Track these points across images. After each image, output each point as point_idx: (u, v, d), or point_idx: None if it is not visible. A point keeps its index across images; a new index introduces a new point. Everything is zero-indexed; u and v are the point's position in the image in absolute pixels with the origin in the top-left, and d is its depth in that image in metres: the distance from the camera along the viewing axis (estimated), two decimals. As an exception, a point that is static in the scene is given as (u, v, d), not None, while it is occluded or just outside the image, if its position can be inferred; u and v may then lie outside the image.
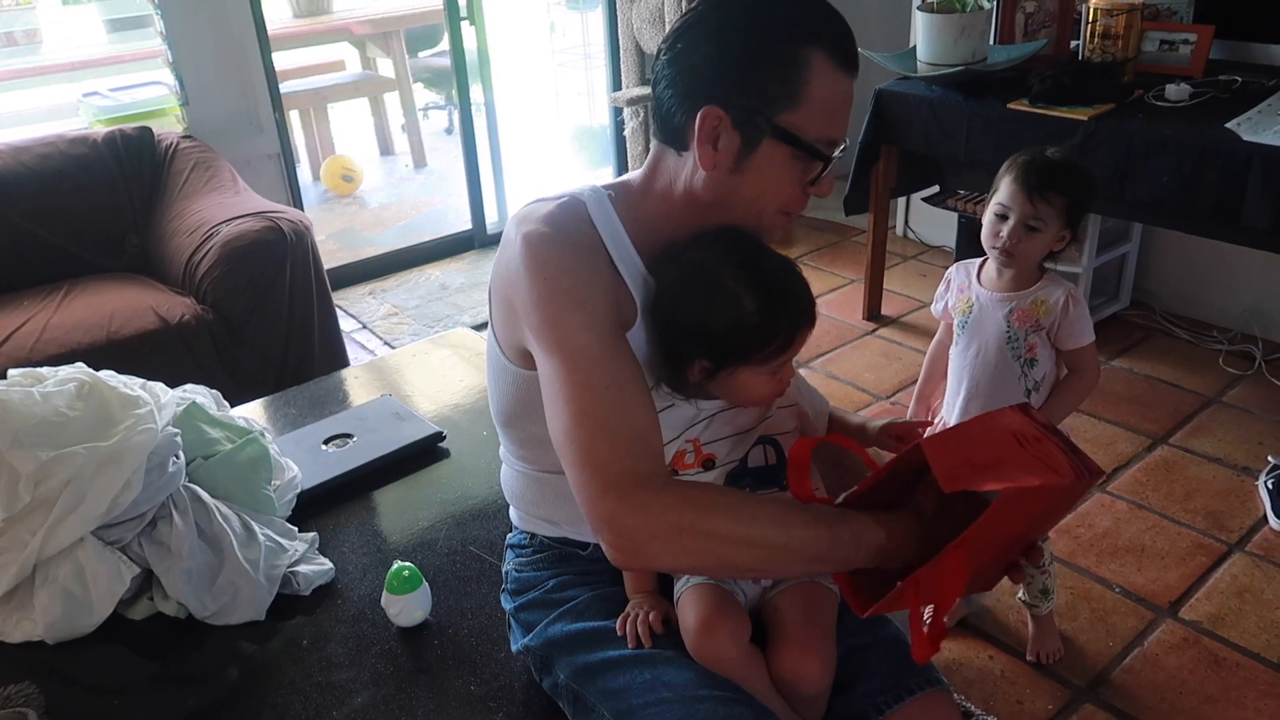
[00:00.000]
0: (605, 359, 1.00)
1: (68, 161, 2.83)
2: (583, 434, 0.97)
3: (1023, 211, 1.68)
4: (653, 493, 0.95)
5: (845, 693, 1.14)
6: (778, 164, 1.06)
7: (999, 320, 1.77)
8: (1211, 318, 3.18)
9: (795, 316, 1.07)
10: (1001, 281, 1.78)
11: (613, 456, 0.95)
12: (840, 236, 4.04)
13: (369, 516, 1.67)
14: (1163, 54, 2.78)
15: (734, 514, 0.96)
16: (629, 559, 0.97)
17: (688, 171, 1.08)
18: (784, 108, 1.03)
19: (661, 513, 0.94)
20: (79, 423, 1.42)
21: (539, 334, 1.04)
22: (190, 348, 2.51)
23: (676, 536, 0.94)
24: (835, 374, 3.04)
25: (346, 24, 5.27)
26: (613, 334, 1.03)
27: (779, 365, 1.09)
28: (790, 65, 1.01)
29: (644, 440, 0.98)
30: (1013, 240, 1.70)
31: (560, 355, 1.01)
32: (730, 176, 1.06)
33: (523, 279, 1.05)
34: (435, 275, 3.95)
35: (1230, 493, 2.41)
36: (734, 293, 1.05)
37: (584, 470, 0.96)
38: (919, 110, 2.84)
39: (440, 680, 1.31)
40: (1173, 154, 2.33)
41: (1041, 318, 1.74)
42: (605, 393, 0.98)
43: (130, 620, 1.43)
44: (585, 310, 1.02)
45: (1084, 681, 1.90)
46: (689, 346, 1.09)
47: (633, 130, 4.04)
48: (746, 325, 1.05)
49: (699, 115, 1.03)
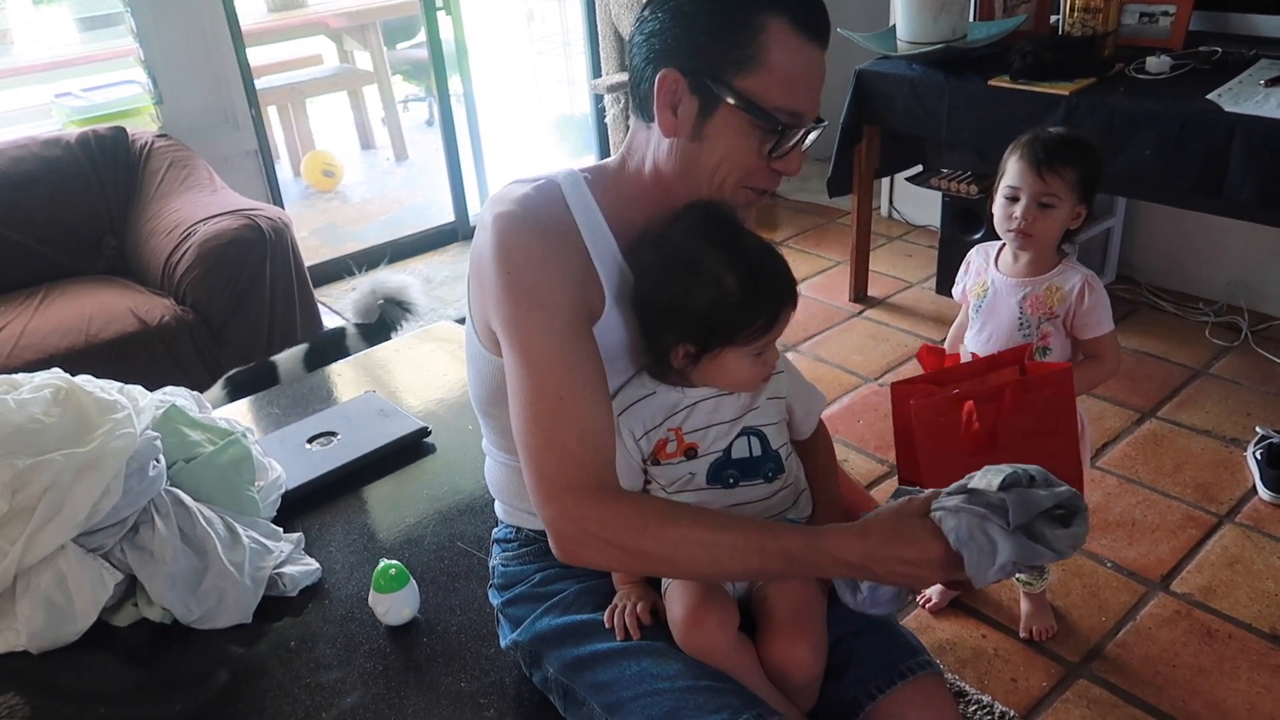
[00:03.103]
0: (561, 365, 1.02)
1: (41, 164, 2.80)
2: (534, 442, 1.02)
3: (1034, 189, 1.64)
4: (592, 507, 1.00)
5: (837, 679, 1.13)
6: (735, 130, 1.05)
7: (1012, 306, 1.73)
8: (1197, 290, 3.18)
9: (778, 294, 1.07)
10: (1018, 266, 1.74)
11: (559, 468, 1.00)
12: (824, 219, 4.03)
13: (355, 515, 1.66)
14: (1143, 26, 2.77)
15: (662, 538, 0.99)
16: (568, 560, 1.04)
17: (654, 143, 1.09)
18: (741, 71, 1.02)
19: (597, 528, 1.00)
20: (56, 429, 1.40)
21: (502, 329, 1.05)
22: (171, 349, 2.49)
23: (607, 549, 1.01)
24: (823, 357, 3.03)
25: (322, 18, 5.22)
26: (574, 335, 1.04)
27: (763, 345, 1.08)
28: (745, 29, 1.01)
29: (592, 449, 1.01)
30: (1027, 220, 1.65)
31: (519, 355, 1.03)
32: (690, 144, 1.06)
33: (490, 267, 1.05)
34: (419, 269, 3.92)
35: (1219, 464, 2.41)
36: (715, 272, 1.04)
37: (532, 477, 1.02)
38: (900, 90, 2.83)
39: (430, 678, 1.30)
40: (1155, 127, 2.33)
41: (1055, 305, 1.70)
42: (558, 402, 1.01)
43: (115, 627, 1.41)
44: (545, 310, 1.02)
45: (1077, 657, 1.91)
46: (672, 330, 1.08)
47: (614, 117, 4.02)
48: (730, 304, 1.04)
49: (658, 79, 1.04)
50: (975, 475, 1.00)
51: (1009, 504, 0.95)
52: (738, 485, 1.14)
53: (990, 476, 0.98)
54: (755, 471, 1.15)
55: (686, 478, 1.14)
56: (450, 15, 3.90)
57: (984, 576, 0.94)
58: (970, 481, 0.99)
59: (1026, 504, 0.96)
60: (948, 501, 0.98)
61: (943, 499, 0.98)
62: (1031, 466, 1.00)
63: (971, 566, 0.94)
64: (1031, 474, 0.99)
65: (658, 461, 1.14)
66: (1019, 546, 0.94)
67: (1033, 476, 0.99)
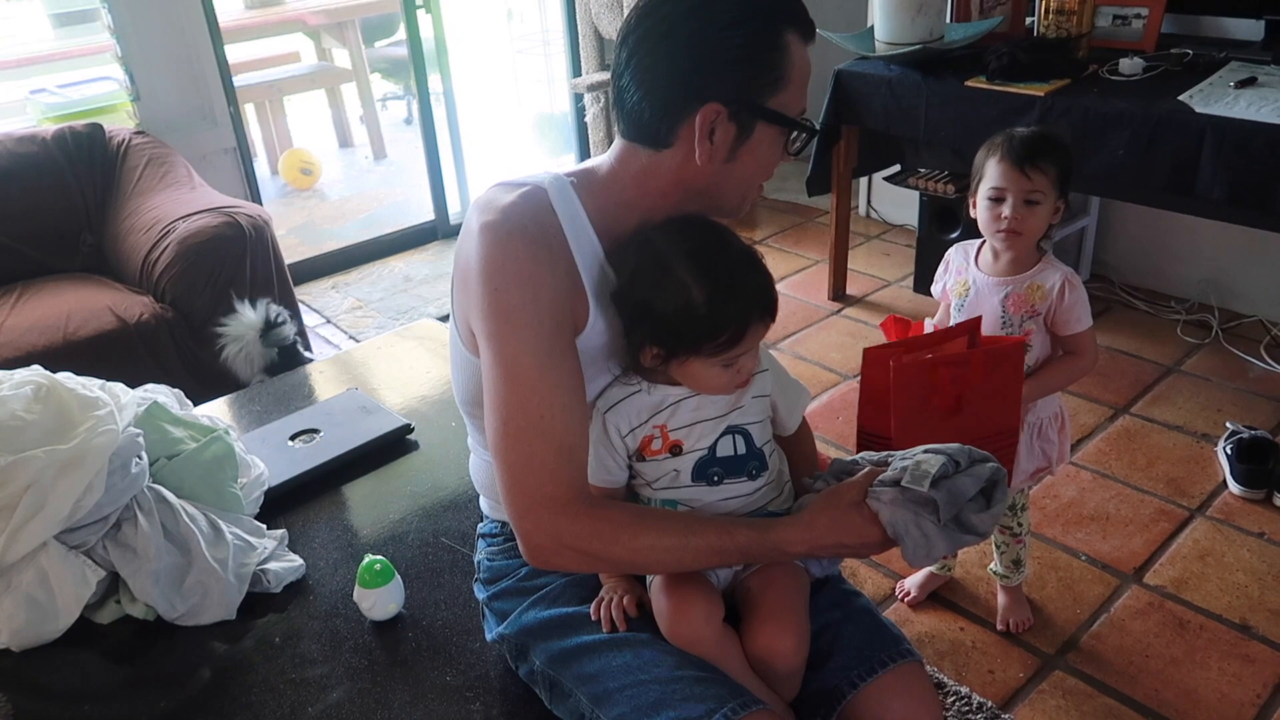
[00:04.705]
0: (543, 383, 1.04)
1: (16, 161, 2.78)
2: (511, 458, 1.05)
3: (1020, 187, 1.65)
4: (567, 520, 1.05)
5: (819, 668, 1.15)
6: (768, 145, 1.09)
7: (994, 305, 1.75)
8: (1169, 288, 3.23)
9: (745, 310, 1.06)
10: (999, 265, 1.76)
11: (536, 483, 1.04)
12: (803, 218, 4.05)
13: (339, 511, 1.66)
14: (1116, 29, 2.81)
15: (632, 548, 1.06)
16: (540, 566, 1.10)
17: (671, 165, 1.08)
18: (773, 92, 1.05)
19: (571, 540, 1.05)
20: (37, 426, 1.39)
21: (485, 342, 1.06)
22: (150, 347, 2.48)
23: (579, 558, 1.07)
24: (802, 355, 3.06)
25: (300, 15, 5.19)
26: (557, 353, 1.05)
27: (731, 359, 1.08)
28: (773, 51, 1.04)
29: (567, 464, 1.05)
30: (1016, 219, 1.67)
31: (501, 371, 1.05)
32: (722, 166, 1.08)
33: (477, 279, 1.06)
34: (399, 267, 3.92)
35: (1190, 459, 2.46)
36: (683, 282, 1.04)
37: (508, 489, 1.06)
38: (878, 90, 2.85)
39: (416, 672, 1.31)
40: (1128, 127, 2.36)
41: (1037, 303, 1.72)
42: (539, 421, 1.03)
43: (98, 624, 1.41)
44: (530, 329, 1.04)
45: (1053, 649, 1.94)
46: (640, 331, 1.09)
47: (594, 116, 4.02)
48: (694, 316, 1.05)
49: (698, 115, 1.04)
50: (909, 457, 1.10)
51: (939, 502, 1.05)
52: (722, 483, 1.15)
53: (923, 467, 1.06)
54: (740, 469, 1.16)
55: (671, 475, 1.15)
56: (430, 13, 3.89)
57: (919, 564, 1.07)
58: (902, 464, 1.09)
59: (954, 497, 1.06)
60: (883, 494, 1.07)
61: (877, 490, 1.08)
62: (953, 447, 1.10)
63: (908, 554, 1.06)
64: (957, 459, 1.08)
65: (643, 458, 1.15)
66: (950, 539, 1.07)
67: (958, 462, 1.08)
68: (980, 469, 1.08)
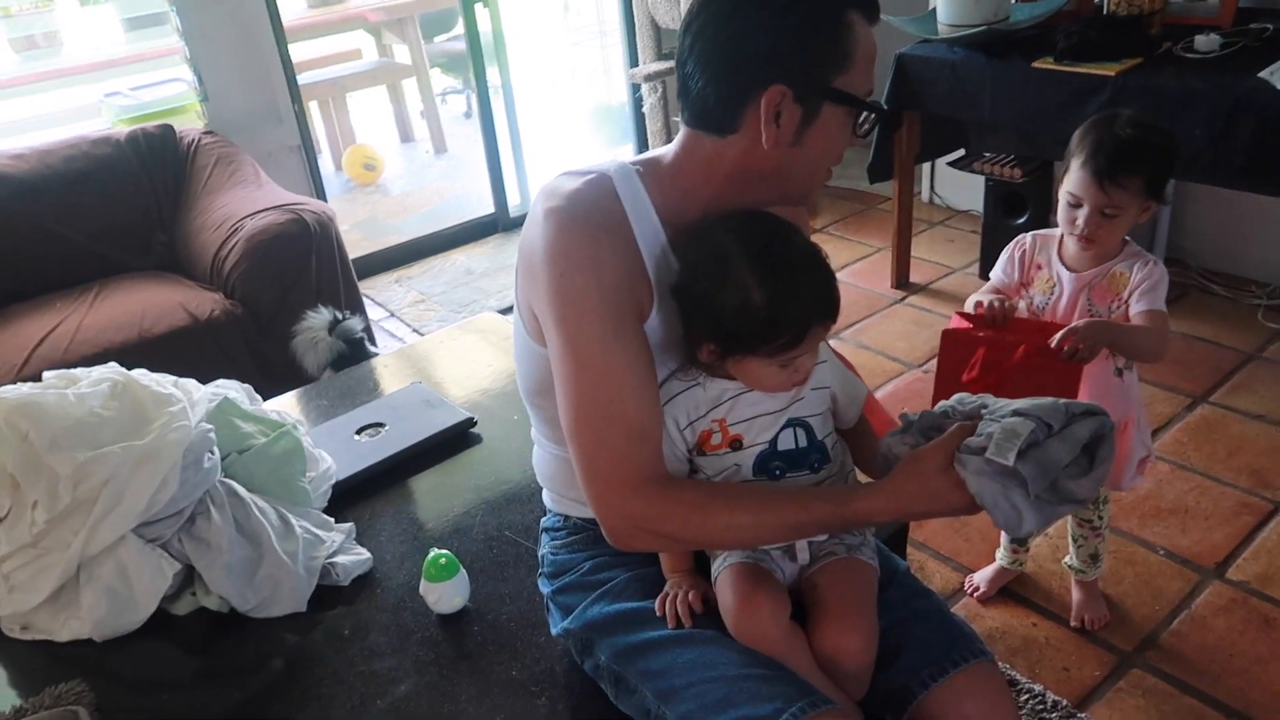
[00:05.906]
0: (613, 367, 1.04)
1: (92, 163, 2.86)
2: (584, 441, 1.05)
3: (1096, 201, 1.59)
4: (641, 503, 1.05)
5: (888, 667, 1.12)
6: (836, 126, 1.07)
7: (1083, 301, 1.70)
8: (1248, 272, 3.12)
9: (806, 313, 1.04)
10: (1084, 259, 1.70)
11: (609, 467, 1.05)
12: (865, 205, 3.99)
13: (404, 505, 1.68)
14: (1190, 4, 2.71)
15: (707, 527, 1.07)
16: (621, 548, 1.10)
17: (737, 151, 1.07)
18: (839, 72, 1.04)
19: (645, 522, 1.06)
20: (114, 422, 1.43)
21: (553, 328, 1.06)
22: (220, 343, 2.53)
23: (657, 540, 1.10)
24: (866, 344, 3.01)
25: (361, 12, 5.26)
26: (624, 335, 1.05)
27: (790, 359, 1.06)
28: (838, 29, 1.02)
29: (640, 445, 1.05)
30: (1090, 228, 1.61)
31: (570, 357, 1.05)
32: (790, 150, 1.06)
33: (542, 264, 1.06)
34: (460, 261, 3.95)
35: (1274, 450, 2.36)
36: (744, 282, 1.03)
37: (584, 473, 1.07)
38: (941, 73, 2.79)
39: (482, 666, 1.31)
40: (1204, 107, 2.28)
41: (1121, 289, 1.66)
42: (610, 405, 1.04)
43: (174, 616, 1.45)
44: (596, 313, 1.04)
45: (1131, 646, 1.88)
46: (699, 327, 1.08)
47: (651, 106, 4.01)
48: (754, 317, 1.03)
49: (763, 98, 1.02)
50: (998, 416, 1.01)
51: (1026, 476, 0.96)
52: (784, 477, 1.14)
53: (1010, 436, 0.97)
54: (801, 463, 1.14)
55: (732, 469, 1.14)
56: (488, 8, 3.91)
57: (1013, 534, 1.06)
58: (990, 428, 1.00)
59: (1044, 469, 0.97)
60: (969, 463, 0.99)
61: (963, 457, 1.00)
62: (1046, 404, 1.00)
63: (1000, 524, 1.00)
64: (1050, 421, 0.99)
65: (703, 453, 1.14)
66: (1041, 512, 0.98)
67: (1050, 425, 0.99)
68: (1078, 429, 0.99)
